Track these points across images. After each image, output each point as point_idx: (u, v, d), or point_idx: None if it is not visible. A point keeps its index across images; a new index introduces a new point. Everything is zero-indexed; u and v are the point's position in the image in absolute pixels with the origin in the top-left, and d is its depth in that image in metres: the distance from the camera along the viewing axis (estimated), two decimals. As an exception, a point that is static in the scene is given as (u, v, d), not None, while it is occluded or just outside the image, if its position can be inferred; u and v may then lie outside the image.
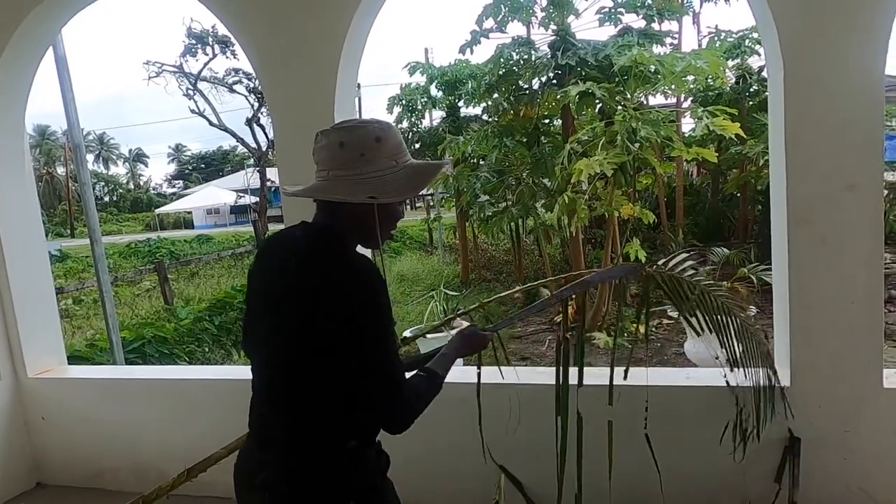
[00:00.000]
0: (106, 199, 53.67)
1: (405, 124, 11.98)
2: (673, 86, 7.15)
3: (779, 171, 2.60)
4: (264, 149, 17.91)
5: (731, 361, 2.23)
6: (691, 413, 2.73)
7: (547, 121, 9.28)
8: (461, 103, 11.35)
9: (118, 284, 12.47)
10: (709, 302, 2.26)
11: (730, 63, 9.51)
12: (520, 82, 8.55)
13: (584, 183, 6.80)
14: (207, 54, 17.07)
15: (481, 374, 2.30)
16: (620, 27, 8.18)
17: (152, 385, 3.68)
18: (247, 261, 16.10)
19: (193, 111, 18.03)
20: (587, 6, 11.30)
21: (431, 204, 18.09)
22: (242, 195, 28.17)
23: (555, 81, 8.00)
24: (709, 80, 8.61)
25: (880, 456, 2.60)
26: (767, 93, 2.81)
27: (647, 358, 2.27)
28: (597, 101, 7.06)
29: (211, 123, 18.35)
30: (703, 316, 2.24)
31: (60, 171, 47.13)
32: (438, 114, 12.86)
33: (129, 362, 6.45)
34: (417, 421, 1.46)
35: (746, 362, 2.31)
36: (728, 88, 9.67)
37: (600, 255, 8.69)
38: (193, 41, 16.88)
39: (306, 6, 3.03)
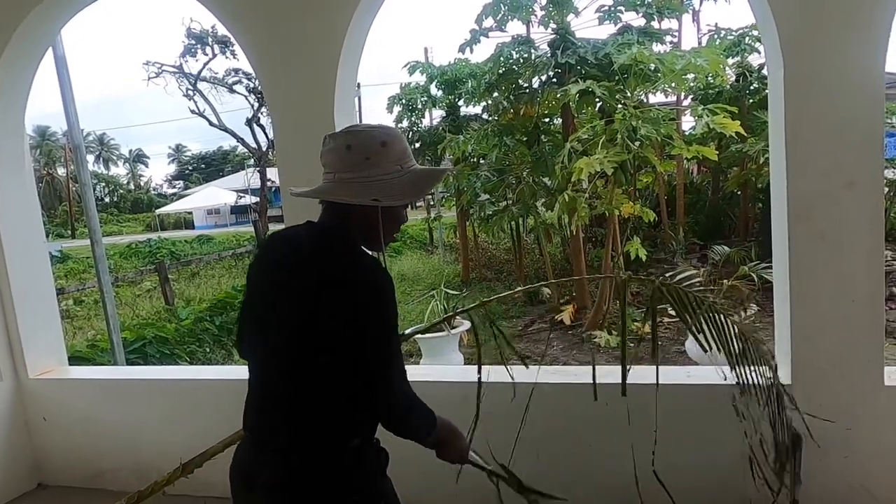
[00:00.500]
0: (106, 200, 53.62)
1: (405, 123, 11.97)
2: (673, 84, 7.15)
3: (779, 169, 2.60)
4: (264, 149, 17.91)
5: (741, 386, 2.14)
6: (692, 411, 2.72)
7: (547, 119, 9.29)
8: (461, 102, 11.34)
9: (119, 285, 12.48)
10: (716, 320, 2.13)
11: (730, 61, 9.49)
12: (520, 81, 8.56)
13: (585, 181, 6.80)
14: (207, 54, 17.07)
15: (482, 374, 2.29)
16: (620, 25, 8.18)
17: (153, 385, 3.68)
18: (247, 261, 16.09)
19: (193, 111, 18.04)
20: (587, 5, 11.39)
21: (432, 203, 18.07)
22: (243, 195, 28.18)
23: (555, 80, 8.00)
24: (709, 78, 8.60)
25: (881, 454, 2.60)
26: (767, 90, 2.80)
27: (655, 357, 2.22)
28: (597, 100, 7.06)
29: (211, 124, 18.35)
30: (710, 331, 2.16)
31: (61, 172, 47.10)
32: (438, 113, 12.86)
33: (130, 363, 6.45)
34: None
35: (747, 363, 2.17)
36: (728, 86, 9.65)
37: (601, 254, 8.69)
38: (193, 41, 16.88)
39: (306, 6, 3.03)
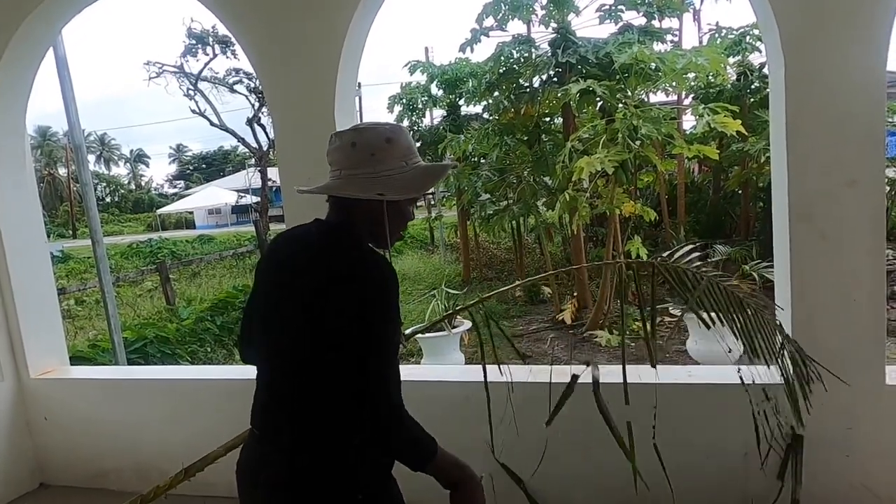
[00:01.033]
0: (107, 200, 53.64)
1: (406, 123, 11.97)
2: (674, 83, 7.14)
3: (780, 168, 2.60)
4: (265, 148, 17.93)
5: (749, 353, 2.09)
6: (693, 410, 2.73)
7: (548, 119, 9.28)
8: (462, 102, 11.34)
9: (120, 285, 12.50)
10: (717, 293, 2.12)
11: (731, 60, 9.47)
12: (520, 80, 8.55)
13: (586, 181, 6.80)
14: (208, 54, 17.14)
15: (480, 373, 2.29)
16: (621, 24, 8.17)
17: (154, 385, 3.68)
18: (248, 261, 16.10)
19: (194, 111, 18.08)
20: (587, 4, 11.38)
21: (432, 203, 18.07)
22: (244, 195, 28.23)
23: (555, 79, 7.99)
24: (710, 78, 8.57)
25: (883, 453, 2.60)
26: (768, 89, 2.80)
27: (654, 355, 2.21)
28: (597, 99, 7.05)
29: (212, 123, 18.39)
30: (711, 307, 2.13)
31: (62, 172, 47.15)
32: (439, 112, 12.85)
33: (132, 363, 6.46)
34: (420, 421, 1.46)
35: (765, 354, 2.09)
36: (729, 85, 9.63)
37: (601, 253, 8.69)
38: (194, 41, 16.93)
39: (306, 6, 3.03)
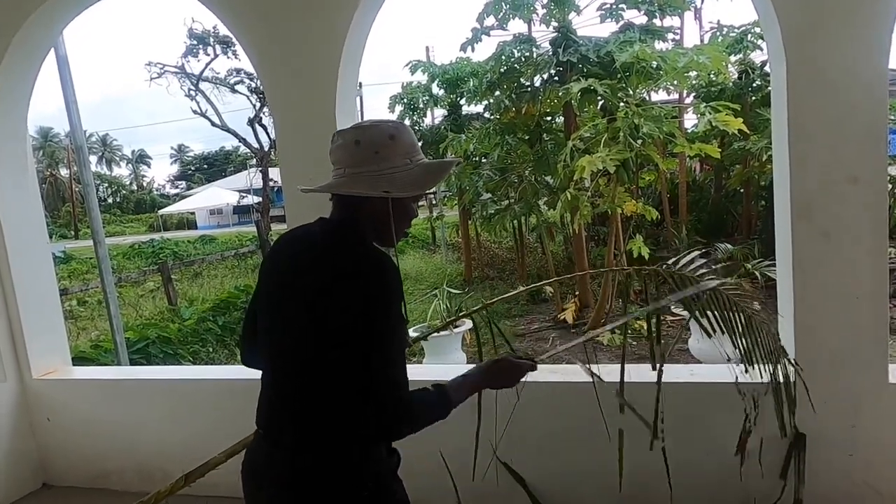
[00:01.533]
0: (109, 201, 53.71)
1: (407, 122, 11.93)
2: (675, 82, 7.14)
3: (782, 166, 2.60)
4: (266, 149, 17.94)
5: (745, 359, 2.12)
6: (695, 409, 2.72)
7: (549, 118, 9.28)
8: (463, 101, 11.35)
9: (122, 285, 12.52)
10: (720, 300, 2.15)
11: (732, 58, 9.47)
12: (521, 80, 8.55)
13: (587, 180, 6.79)
14: (209, 55, 17.15)
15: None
16: (622, 23, 8.16)
17: (157, 385, 3.69)
18: (250, 261, 16.13)
19: (196, 112, 18.10)
20: (588, 3, 11.35)
21: (434, 202, 18.08)
22: (245, 195, 28.25)
23: (556, 78, 7.99)
24: (711, 76, 8.57)
25: (886, 451, 2.59)
26: (770, 87, 2.79)
27: (658, 355, 2.21)
28: (599, 98, 7.06)
29: (213, 124, 18.40)
30: (714, 315, 2.15)
31: (64, 173, 47.20)
32: (440, 112, 12.87)
33: (134, 363, 6.47)
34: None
35: (759, 359, 2.19)
36: (731, 84, 9.62)
37: (603, 252, 8.68)
38: (195, 42, 16.94)
39: (307, 6, 3.02)
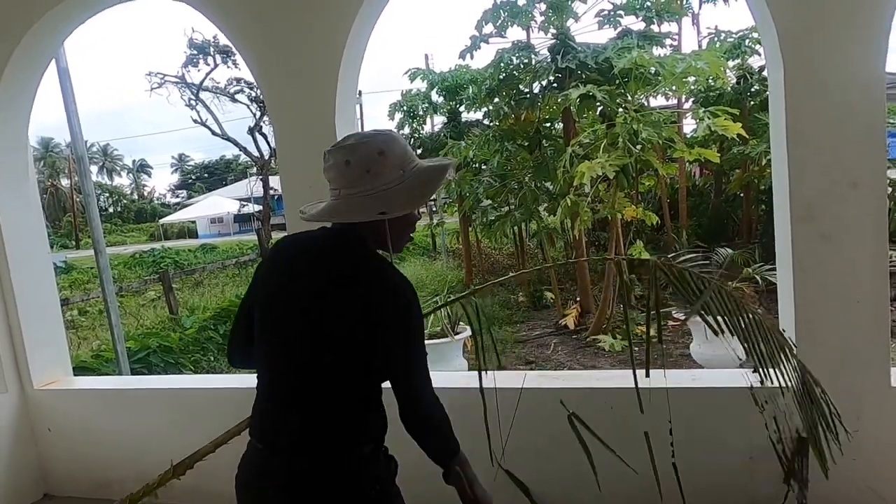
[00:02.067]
0: (110, 210, 53.73)
1: (407, 130, 12.03)
2: (674, 87, 7.16)
3: (781, 170, 2.60)
4: (267, 157, 17.95)
5: (757, 361, 2.10)
6: (697, 414, 2.71)
7: (548, 124, 9.31)
8: (462, 108, 11.37)
9: (123, 295, 12.52)
10: (724, 300, 2.14)
11: (730, 63, 9.50)
12: (520, 86, 8.58)
13: (587, 186, 6.80)
14: (209, 64, 17.15)
15: (484, 379, 2.29)
16: (620, 29, 8.20)
17: (158, 395, 3.68)
18: (251, 270, 16.11)
19: (196, 121, 18.10)
20: (586, 9, 11.34)
21: (434, 209, 18.09)
22: (246, 204, 28.32)
23: (555, 85, 8.02)
24: (710, 81, 8.59)
25: (888, 454, 2.58)
26: (768, 92, 2.80)
27: (660, 359, 2.20)
28: (598, 104, 7.07)
29: (213, 133, 18.40)
30: (719, 313, 2.14)
31: (64, 183, 47.25)
32: (440, 119, 12.90)
33: (135, 372, 6.46)
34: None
35: (773, 362, 2.14)
36: (729, 89, 9.66)
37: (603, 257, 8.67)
38: (195, 52, 16.95)
39: (306, 15, 3.04)
